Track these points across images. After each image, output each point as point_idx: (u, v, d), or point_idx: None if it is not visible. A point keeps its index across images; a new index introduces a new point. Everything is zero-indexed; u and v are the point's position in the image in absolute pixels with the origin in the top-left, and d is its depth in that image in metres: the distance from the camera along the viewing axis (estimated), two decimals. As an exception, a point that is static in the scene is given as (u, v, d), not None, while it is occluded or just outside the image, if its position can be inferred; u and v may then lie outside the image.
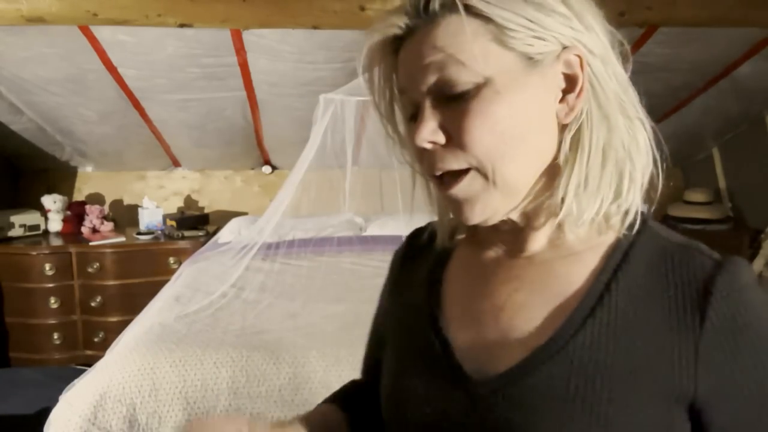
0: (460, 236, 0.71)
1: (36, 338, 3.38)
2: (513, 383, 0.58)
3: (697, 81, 3.20)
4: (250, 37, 2.68)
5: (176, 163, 4.10)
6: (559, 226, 0.61)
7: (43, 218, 3.68)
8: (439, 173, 0.60)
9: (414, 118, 0.60)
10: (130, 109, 3.30)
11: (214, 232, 3.70)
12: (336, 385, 1.76)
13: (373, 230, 3.43)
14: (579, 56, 0.57)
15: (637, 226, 0.61)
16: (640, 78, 0.63)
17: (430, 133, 0.58)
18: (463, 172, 0.58)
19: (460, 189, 0.59)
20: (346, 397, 0.85)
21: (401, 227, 3.11)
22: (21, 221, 3.54)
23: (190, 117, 3.40)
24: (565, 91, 0.58)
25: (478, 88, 0.56)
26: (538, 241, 0.64)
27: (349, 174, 3.64)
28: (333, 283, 2.65)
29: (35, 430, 1.88)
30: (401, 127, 0.65)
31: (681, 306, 0.56)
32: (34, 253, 3.34)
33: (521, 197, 0.60)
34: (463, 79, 0.56)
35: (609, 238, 0.62)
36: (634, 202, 0.60)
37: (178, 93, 3.14)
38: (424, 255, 0.74)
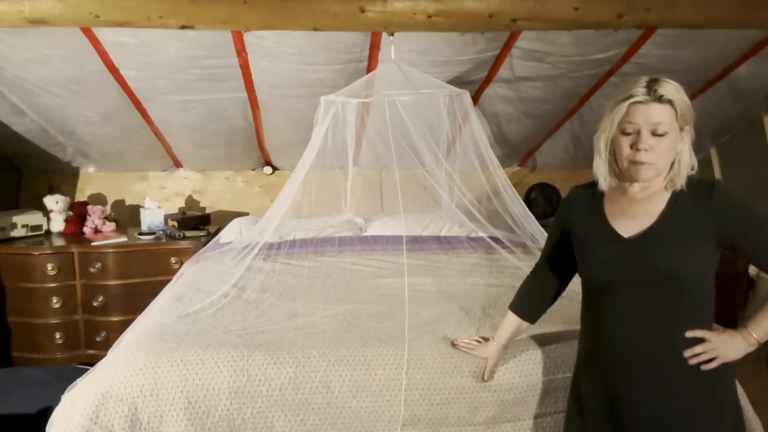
0: (611, 186, 1.51)
1: (38, 338, 3.40)
2: (642, 237, 1.44)
3: (695, 82, 3.21)
4: (250, 38, 2.70)
5: (177, 164, 4.12)
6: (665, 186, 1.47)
7: (45, 219, 3.69)
8: (640, 160, 1.39)
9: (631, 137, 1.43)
10: (132, 110, 3.32)
11: (216, 233, 3.72)
12: (336, 385, 1.79)
13: (373, 230, 3.43)
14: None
15: (680, 188, 1.45)
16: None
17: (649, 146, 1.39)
18: (649, 163, 1.40)
19: (646, 168, 1.40)
20: (518, 305, 1.79)
21: (401, 227, 3.13)
22: (23, 221, 3.56)
23: (191, 118, 3.41)
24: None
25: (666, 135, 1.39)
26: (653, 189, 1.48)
27: (350, 175, 3.65)
28: (334, 284, 2.66)
29: (37, 429, 1.89)
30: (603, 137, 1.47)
31: (700, 200, 1.43)
32: (37, 253, 3.36)
33: (663, 175, 1.45)
34: (661, 130, 1.38)
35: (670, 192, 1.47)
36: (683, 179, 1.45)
37: (180, 94, 3.15)
38: (585, 200, 1.57)
